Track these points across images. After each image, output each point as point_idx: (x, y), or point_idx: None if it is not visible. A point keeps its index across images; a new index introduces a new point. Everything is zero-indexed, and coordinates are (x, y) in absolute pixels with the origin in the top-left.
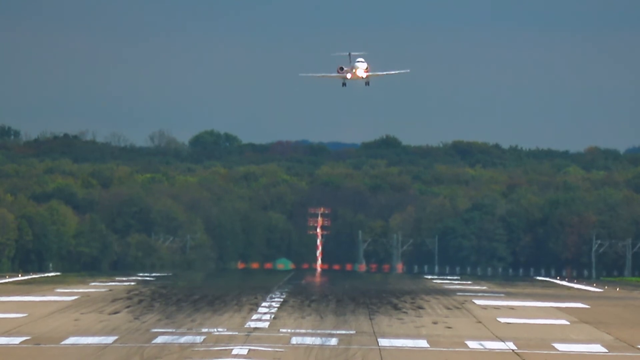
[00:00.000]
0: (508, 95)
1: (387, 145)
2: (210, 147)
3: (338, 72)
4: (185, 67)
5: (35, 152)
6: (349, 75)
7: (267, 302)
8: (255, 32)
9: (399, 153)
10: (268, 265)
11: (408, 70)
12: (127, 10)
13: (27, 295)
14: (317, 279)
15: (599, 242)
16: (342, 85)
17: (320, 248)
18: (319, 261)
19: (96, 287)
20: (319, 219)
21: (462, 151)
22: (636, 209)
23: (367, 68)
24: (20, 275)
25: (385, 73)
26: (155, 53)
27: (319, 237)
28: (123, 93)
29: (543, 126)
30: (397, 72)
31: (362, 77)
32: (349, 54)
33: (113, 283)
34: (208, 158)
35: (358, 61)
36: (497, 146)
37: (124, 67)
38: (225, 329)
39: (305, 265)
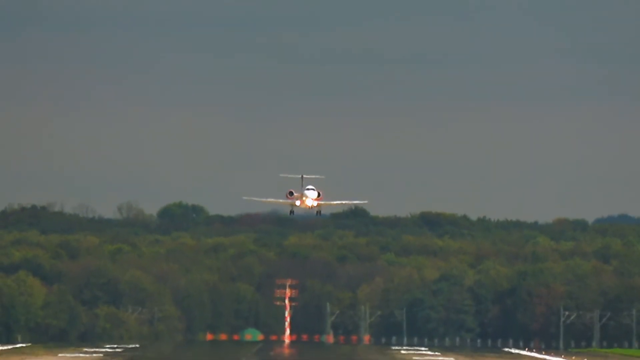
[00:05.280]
0: (476, 167)
1: (355, 216)
2: (178, 218)
3: (287, 197)
4: (153, 139)
5: (3, 224)
6: (297, 203)
7: None
8: (227, 102)
9: (367, 224)
10: (236, 337)
11: (366, 201)
12: (92, 81)
13: None
14: (286, 350)
15: (567, 313)
16: (290, 213)
17: (288, 319)
18: (287, 332)
19: (64, 358)
20: (287, 290)
21: (430, 222)
22: (604, 279)
23: (317, 196)
24: None
25: (338, 202)
26: (123, 125)
27: (287, 308)
28: (91, 164)
29: (511, 197)
30: (352, 202)
31: (312, 206)
32: (302, 177)
33: (81, 354)
34: (176, 229)
35: (308, 189)
36: (465, 217)
37: (93, 138)
38: None
39: (274, 336)
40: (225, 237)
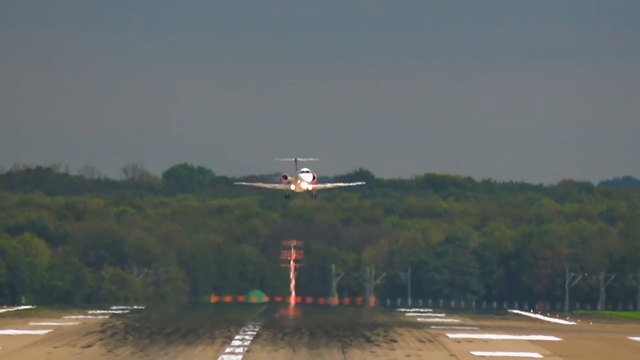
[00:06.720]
0: (481, 128)
1: (360, 179)
2: (184, 180)
3: (281, 182)
4: (158, 100)
5: (8, 185)
6: (292, 187)
7: (240, 335)
8: (233, 64)
9: (372, 186)
10: (241, 298)
11: (363, 183)
12: (97, 43)
13: (0, 329)
14: (291, 312)
15: (572, 275)
16: (285, 197)
17: (293, 281)
18: (293, 294)
19: (69, 320)
20: (292, 251)
21: (435, 184)
22: (609, 241)
23: (313, 179)
24: None
25: (335, 185)
26: (128, 86)
27: (292, 269)
28: (96, 126)
29: (516, 159)
30: (348, 184)
31: (308, 190)
32: (295, 160)
33: (86, 316)
34: (181, 191)
35: (303, 172)
36: (470, 179)
37: (97, 99)
38: None
39: (279, 298)
40: (230, 198)
